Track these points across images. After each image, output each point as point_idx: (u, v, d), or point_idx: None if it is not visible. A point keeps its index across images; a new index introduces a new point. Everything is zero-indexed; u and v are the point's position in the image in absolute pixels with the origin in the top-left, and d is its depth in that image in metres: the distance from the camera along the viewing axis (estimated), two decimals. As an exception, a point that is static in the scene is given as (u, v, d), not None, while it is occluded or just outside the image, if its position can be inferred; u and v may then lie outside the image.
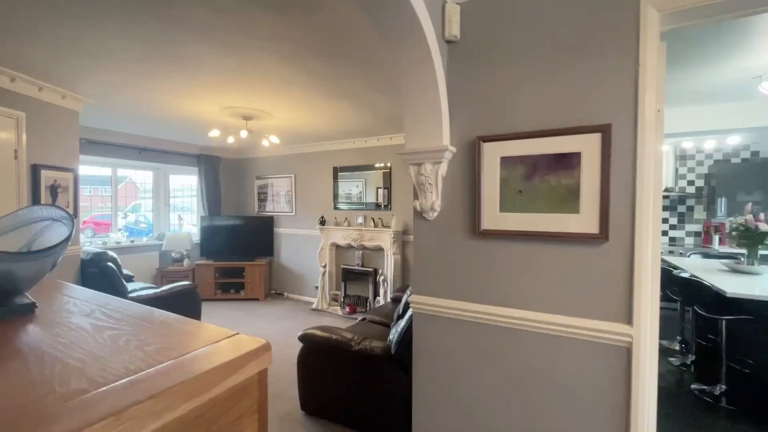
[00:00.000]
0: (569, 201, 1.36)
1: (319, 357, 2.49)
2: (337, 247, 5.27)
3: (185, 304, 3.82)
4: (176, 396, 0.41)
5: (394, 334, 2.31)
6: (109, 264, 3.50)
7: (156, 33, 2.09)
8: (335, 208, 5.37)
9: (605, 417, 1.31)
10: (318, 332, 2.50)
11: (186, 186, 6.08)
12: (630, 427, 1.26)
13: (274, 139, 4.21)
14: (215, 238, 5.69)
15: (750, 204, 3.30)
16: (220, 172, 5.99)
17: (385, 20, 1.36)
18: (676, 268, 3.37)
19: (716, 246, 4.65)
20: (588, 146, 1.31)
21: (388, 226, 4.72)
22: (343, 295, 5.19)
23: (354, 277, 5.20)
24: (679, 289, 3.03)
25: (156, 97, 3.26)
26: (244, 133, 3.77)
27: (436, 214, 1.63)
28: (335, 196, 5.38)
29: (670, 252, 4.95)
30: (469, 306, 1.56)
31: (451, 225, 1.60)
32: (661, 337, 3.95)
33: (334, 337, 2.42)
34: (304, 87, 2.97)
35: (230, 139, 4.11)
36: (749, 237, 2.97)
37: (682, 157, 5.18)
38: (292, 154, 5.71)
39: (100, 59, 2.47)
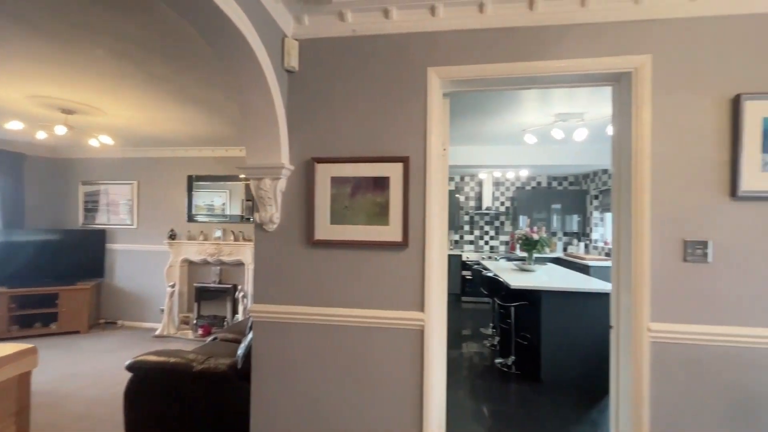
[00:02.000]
0: (382, 215, 1.68)
1: (153, 386, 2.25)
2: (191, 263, 4.80)
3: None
4: None
5: (242, 348, 2.29)
6: None
7: None
8: (191, 220, 4.90)
9: (408, 385, 1.65)
10: (152, 357, 2.26)
11: (-36, 189, 4.58)
12: (424, 387, 1.62)
13: (106, 140, 3.63)
14: (14, 258, 4.42)
15: (528, 220, 4.54)
16: (25, 172, 4.73)
17: (221, 47, 1.44)
18: (486, 269, 4.32)
19: (518, 252, 6.12)
20: (394, 172, 1.67)
21: (250, 240, 4.57)
22: (196, 316, 4.72)
23: (210, 296, 4.80)
24: (486, 286, 3.90)
25: None
26: (61, 129, 3.14)
27: (275, 226, 1.75)
28: (191, 206, 4.91)
29: (490, 257, 6.27)
30: (304, 309, 1.72)
31: (289, 236, 1.75)
32: (479, 325, 4.98)
33: (171, 360, 2.23)
34: (145, 87, 2.72)
35: (41, 134, 3.35)
36: (528, 244, 4.07)
37: (496, 183, 6.68)
38: (134, 158, 4.96)
39: None
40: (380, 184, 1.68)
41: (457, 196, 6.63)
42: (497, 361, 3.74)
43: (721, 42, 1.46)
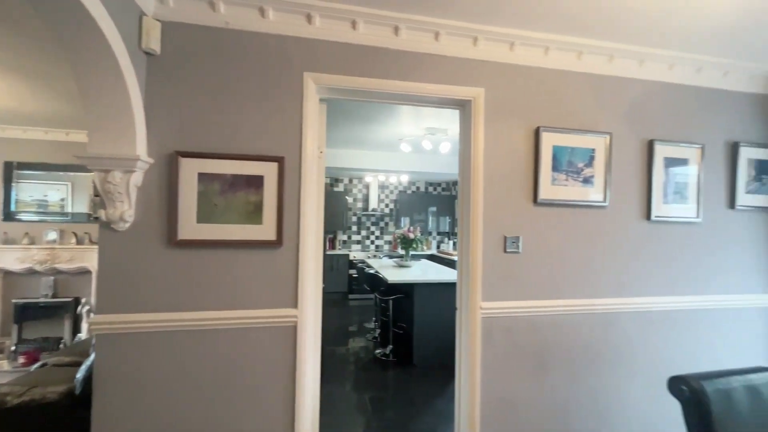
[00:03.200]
0: (255, 214, 1.67)
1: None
2: (7, 274, 3.76)
3: None
4: None
5: (81, 371, 1.94)
6: None
7: None
8: (9, 218, 3.84)
9: (281, 383, 1.67)
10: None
11: None
12: (296, 383, 1.67)
13: None
14: None
15: (408, 220, 5.03)
16: None
17: (50, 14, 1.22)
18: (370, 267, 4.60)
19: (399, 250, 6.66)
20: (269, 172, 1.68)
21: (99, 243, 3.84)
22: (15, 342, 3.73)
23: (39, 314, 3.86)
24: (368, 282, 4.16)
25: None
26: None
27: (127, 225, 1.56)
28: (9, 202, 3.85)
29: (375, 256, 6.66)
30: (164, 316, 1.58)
31: (146, 236, 1.58)
32: (364, 320, 5.27)
33: (-32, 398, 1.75)
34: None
35: None
36: (405, 243, 4.50)
37: (382, 187, 7.14)
38: None
39: None
40: (254, 182, 1.67)
41: (346, 197, 6.83)
42: (377, 351, 4.02)
43: (530, 86, 1.93)
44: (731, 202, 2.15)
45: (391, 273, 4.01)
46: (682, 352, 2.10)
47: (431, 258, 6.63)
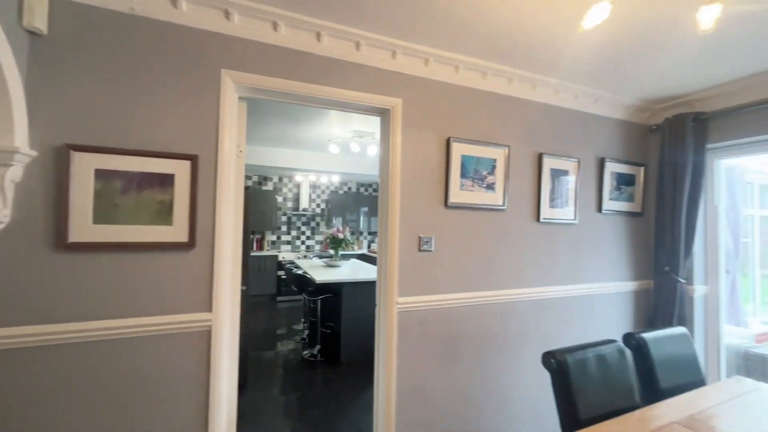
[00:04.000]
0: (164, 214, 1.58)
1: None
2: None
3: None
4: None
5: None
6: None
7: None
8: None
9: (194, 390, 1.61)
10: None
11: None
12: (211, 389, 1.62)
13: None
14: None
15: (341, 221, 5.08)
16: None
17: None
18: (299, 267, 4.55)
19: (331, 250, 6.67)
20: (180, 170, 1.60)
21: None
22: None
23: None
24: (296, 283, 4.11)
25: None
26: None
27: (2, 226, 1.36)
28: None
29: (305, 256, 6.58)
30: (53, 328, 1.41)
31: (26, 239, 1.40)
32: (293, 322, 5.18)
33: None
34: None
35: None
36: (334, 242, 4.55)
37: (313, 186, 7.07)
38: None
39: None
40: (163, 181, 1.58)
41: (276, 196, 6.62)
42: (304, 352, 4.00)
43: (442, 99, 2.13)
44: (599, 207, 2.61)
45: (320, 273, 4.02)
46: (565, 332, 2.49)
47: (362, 257, 6.75)
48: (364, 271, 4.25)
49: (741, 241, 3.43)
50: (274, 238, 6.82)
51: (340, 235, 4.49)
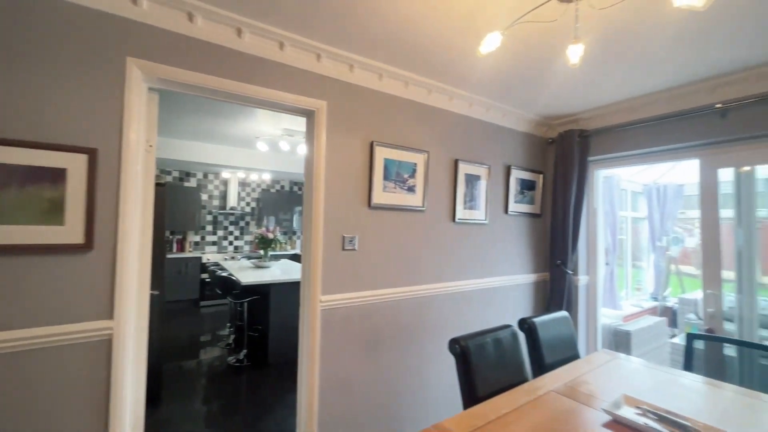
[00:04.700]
0: (54, 213, 1.43)
1: None
2: None
3: None
4: None
5: None
6: None
7: None
8: None
9: (92, 406, 1.47)
10: None
11: None
12: (111, 405, 1.50)
13: None
14: None
15: (267, 221, 4.93)
16: None
17: None
18: (224, 269, 4.32)
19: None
20: (75, 164, 1.46)
21: None
22: None
23: None
24: (220, 285, 3.91)
25: None
26: None
27: None
28: None
29: (232, 258, 6.25)
30: None
31: None
32: (218, 328, 4.90)
33: None
34: None
35: None
36: (264, 242, 4.41)
37: (243, 184, 6.74)
38: None
39: None
40: (51, 175, 1.42)
41: (200, 194, 6.17)
42: (230, 358, 3.83)
43: (367, 104, 2.22)
44: (506, 209, 2.95)
45: (247, 275, 3.88)
46: (478, 321, 2.76)
47: (294, 258, 6.62)
48: (294, 271, 4.19)
49: (617, 238, 4.12)
50: (197, 238, 6.35)
51: (270, 235, 4.37)
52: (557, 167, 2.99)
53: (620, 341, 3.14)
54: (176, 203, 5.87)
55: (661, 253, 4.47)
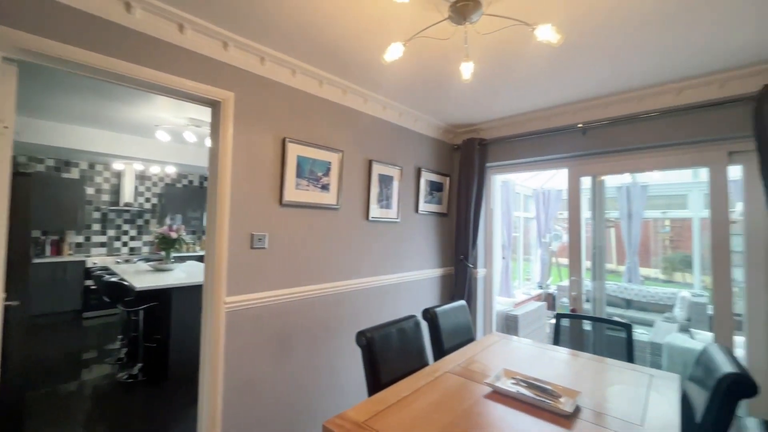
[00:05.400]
0: None
1: None
2: None
3: None
4: None
5: None
6: None
7: None
8: None
9: None
10: None
11: None
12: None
13: None
14: None
15: (172, 219, 4.46)
16: None
17: None
18: (113, 274, 3.78)
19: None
20: None
21: None
22: None
23: None
24: (108, 293, 3.42)
25: None
26: None
27: None
28: None
29: (127, 261, 5.50)
30: None
31: None
32: (107, 342, 4.28)
33: None
34: None
35: None
36: (166, 242, 3.98)
37: (141, 177, 5.97)
38: None
39: None
40: None
41: (84, 188, 5.28)
42: (121, 375, 3.38)
43: (279, 100, 2.18)
44: (416, 208, 3.16)
45: (144, 279, 3.46)
46: (389, 314, 2.90)
47: (203, 259, 6.09)
48: (201, 274, 3.87)
49: (512, 235, 4.72)
50: (80, 239, 5.43)
51: (174, 235, 3.96)
52: (461, 171, 3.30)
53: (510, 324, 3.60)
54: (50, 198, 4.95)
55: (545, 247, 5.24)
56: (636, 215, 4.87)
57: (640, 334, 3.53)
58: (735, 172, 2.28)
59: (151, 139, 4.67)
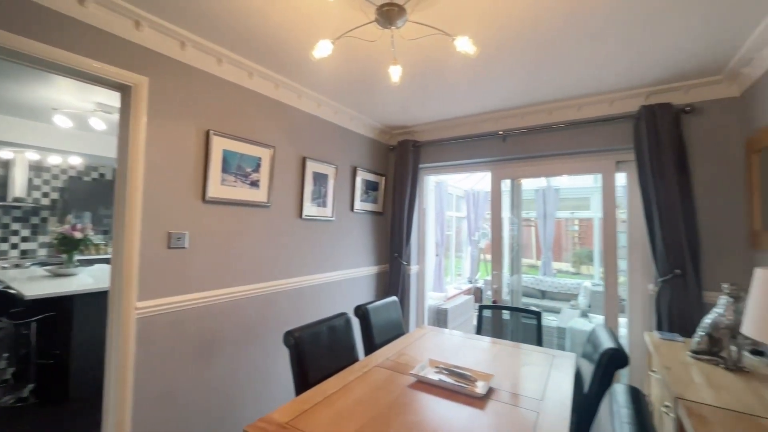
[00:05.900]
0: None
1: None
2: None
3: None
4: None
5: None
6: None
7: None
8: None
9: None
10: None
11: None
12: None
13: None
14: None
15: (78, 217, 3.91)
16: None
17: None
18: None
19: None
20: None
21: None
22: None
23: None
24: (-12, 303, 2.90)
25: None
26: None
27: None
28: None
29: (17, 265, 4.70)
30: None
31: None
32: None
33: None
34: None
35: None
36: (68, 244, 3.48)
37: (37, 168, 5.15)
38: None
39: None
40: None
41: (-46, 178, 4.38)
42: (6, 398, 2.88)
43: (203, 89, 2.04)
44: (352, 207, 3.18)
45: (37, 286, 2.99)
46: (323, 312, 2.87)
47: (119, 262, 5.43)
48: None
49: (445, 234, 4.97)
50: (-50, 241, 4.50)
51: (78, 234, 3.48)
52: (396, 171, 3.39)
53: (440, 317, 3.81)
54: None
55: (475, 245, 5.62)
56: (550, 215, 5.46)
57: (550, 320, 3.96)
58: (621, 179, 2.68)
59: (50, 124, 4.04)
